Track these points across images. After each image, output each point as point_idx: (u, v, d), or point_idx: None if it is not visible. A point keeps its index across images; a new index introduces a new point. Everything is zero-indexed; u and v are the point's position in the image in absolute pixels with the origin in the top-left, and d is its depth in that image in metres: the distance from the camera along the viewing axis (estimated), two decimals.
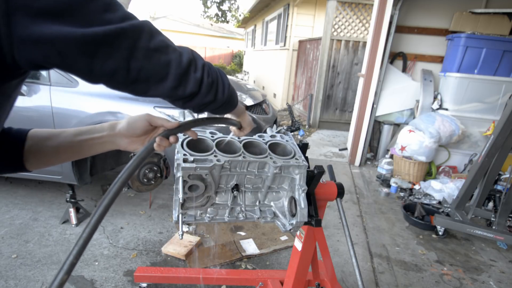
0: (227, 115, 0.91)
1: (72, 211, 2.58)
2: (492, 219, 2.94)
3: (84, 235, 0.51)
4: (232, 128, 0.98)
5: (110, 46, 0.50)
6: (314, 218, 1.20)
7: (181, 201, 1.05)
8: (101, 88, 2.50)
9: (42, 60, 0.48)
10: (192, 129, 0.83)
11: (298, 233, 1.46)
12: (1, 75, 0.50)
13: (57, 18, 0.46)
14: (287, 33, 8.36)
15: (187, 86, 0.61)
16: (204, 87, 0.65)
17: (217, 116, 0.88)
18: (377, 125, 4.74)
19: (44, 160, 0.77)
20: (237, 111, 0.88)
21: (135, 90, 0.58)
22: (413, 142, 3.87)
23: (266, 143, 1.17)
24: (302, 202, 1.12)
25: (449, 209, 3.06)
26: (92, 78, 0.53)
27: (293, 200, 1.15)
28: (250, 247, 2.48)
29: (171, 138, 0.76)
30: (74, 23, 0.46)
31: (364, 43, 6.20)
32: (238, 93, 2.74)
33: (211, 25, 20.54)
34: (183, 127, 0.79)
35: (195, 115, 2.66)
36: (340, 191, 1.33)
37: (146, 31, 0.54)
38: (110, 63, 0.51)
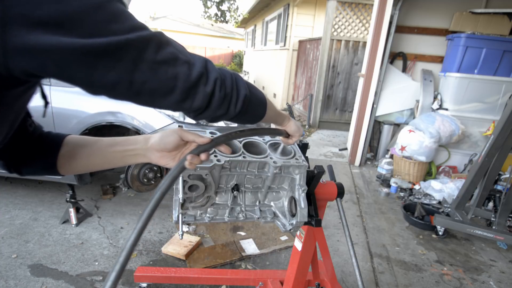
0: (272, 125, 0.87)
1: (72, 211, 2.58)
2: (492, 219, 2.94)
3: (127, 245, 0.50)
4: (280, 137, 0.95)
5: (112, 58, 0.48)
6: (314, 218, 1.20)
7: (181, 201, 1.05)
8: None
9: (37, 70, 0.47)
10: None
11: (298, 233, 1.46)
12: None
13: (57, 28, 0.44)
14: (287, 33, 8.36)
15: (194, 100, 0.58)
16: (215, 102, 0.61)
17: (257, 128, 0.82)
18: (377, 125, 4.74)
19: (77, 166, 0.78)
20: (277, 120, 0.85)
21: (139, 101, 0.57)
22: (413, 142, 3.87)
23: (266, 143, 1.17)
24: (302, 202, 1.12)
25: (449, 209, 3.06)
26: (92, 89, 0.52)
27: (293, 200, 1.15)
28: (250, 247, 2.48)
29: (202, 156, 0.71)
30: (75, 34, 0.45)
31: (364, 43, 6.20)
32: None
33: (211, 25, 20.52)
34: (216, 142, 0.73)
35: None
36: (340, 191, 1.33)
37: (154, 42, 0.52)
38: (112, 75, 0.49)
